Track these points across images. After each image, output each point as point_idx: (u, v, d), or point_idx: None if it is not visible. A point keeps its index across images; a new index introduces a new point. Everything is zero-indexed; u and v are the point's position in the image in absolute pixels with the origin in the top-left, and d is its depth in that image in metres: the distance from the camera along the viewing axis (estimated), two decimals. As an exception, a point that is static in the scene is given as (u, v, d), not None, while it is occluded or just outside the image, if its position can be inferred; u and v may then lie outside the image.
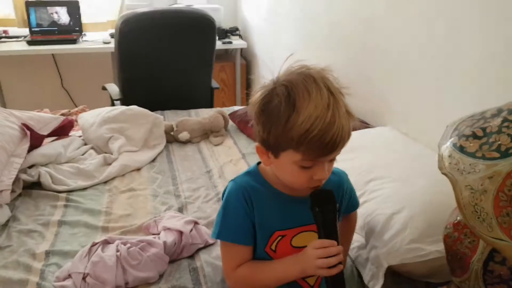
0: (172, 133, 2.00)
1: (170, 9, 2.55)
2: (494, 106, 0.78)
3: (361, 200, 1.25)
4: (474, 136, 0.73)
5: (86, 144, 1.89)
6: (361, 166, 1.35)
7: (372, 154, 1.43)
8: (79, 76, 3.32)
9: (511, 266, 0.74)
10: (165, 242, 1.19)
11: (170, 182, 1.66)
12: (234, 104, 3.32)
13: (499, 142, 0.69)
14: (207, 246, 1.26)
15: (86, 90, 3.27)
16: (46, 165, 1.67)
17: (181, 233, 1.23)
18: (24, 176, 1.56)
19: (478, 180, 0.69)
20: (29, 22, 2.98)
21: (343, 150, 0.80)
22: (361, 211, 1.22)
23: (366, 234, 1.18)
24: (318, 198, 0.84)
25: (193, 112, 2.34)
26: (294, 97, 0.75)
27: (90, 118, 1.95)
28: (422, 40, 1.50)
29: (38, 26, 3.00)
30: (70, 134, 1.95)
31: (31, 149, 1.66)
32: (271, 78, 0.82)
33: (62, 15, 3.03)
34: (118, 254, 1.15)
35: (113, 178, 1.67)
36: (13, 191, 1.48)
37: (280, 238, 0.88)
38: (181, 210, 1.46)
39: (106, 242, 1.21)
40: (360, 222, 1.21)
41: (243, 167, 1.75)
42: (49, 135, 1.82)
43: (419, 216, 1.11)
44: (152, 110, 2.04)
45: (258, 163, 0.92)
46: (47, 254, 1.23)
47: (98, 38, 3.05)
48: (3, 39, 2.96)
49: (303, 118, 0.74)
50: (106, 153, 1.81)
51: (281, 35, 2.76)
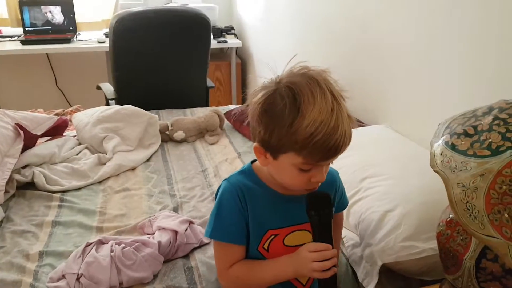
0: (167, 132, 2.00)
1: (164, 8, 2.55)
2: (485, 105, 0.79)
3: (355, 198, 1.25)
4: (466, 134, 0.74)
5: (80, 144, 1.88)
6: (355, 164, 1.36)
7: (366, 152, 1.43)
8: (74, 75, 3.30)
9: (503, 263, 0.75)
10: (159, 242, 1.19)
11: (165, 181, 1.66)
12: (230, 103, 3.31)
13: (490, 140, 0.70)
14: (202, 245, 1.26)
15: (81, 89, 3.26)
16: (40, 165, 1.66)
17: (176, 232, 1.23)
18: (17, 176, 1.55)
19: (470, 177, 0.69)
20: (22, 21, 2.96)
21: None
22: (355, 209, 1.23)
23: (361, 232, 1.18)
24: (314, 201, 0.84)
25: (188, 111, 2.33)
26: (299, 100, 0.75)
27: (84, 118, 1.94)
28: (416, 39, 1.51)
29: (32, 25, 2.98)
30: (64, 134, 1.94)
31: (25, 149, 1.65)
32: (272, 78, 0.81)
33: (56, 15, 3.02)
34: (113, 254, 1.14)
35: (107, 178, 1.66)
36: (6, 192, 1.48)
37: (273, 237, 0.88)
38: (176, 209, 1.46)
39: (100, 242, 1.21)
40: (354, 220, 1.22)
41: (239, 166, 1.74)
42: (43, 135, 1.81)
43: (413, 213, 1.12)
44: (147, 110, 2.03)
45: (252, 162, 0.92)
46: (41, 254, 1.22)
47: (92, 37, 3.04)
48: (-4, 39, 2.95)
49: (308, 122, 0.74)
50: (100, 152, 1.80)
51: (276, 34, 2.76)
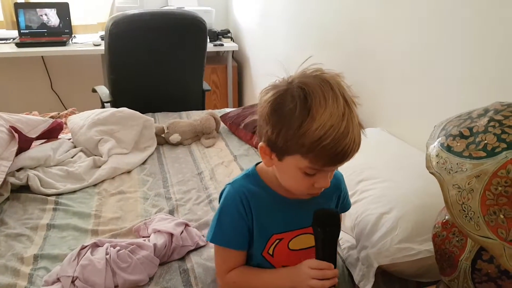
0: (163, 135, 1.99)
1: (161, 11, 2.55)
2: (480, 107, 0.79)
3: (351, 200, 1.25)
4: (461, 135, 0.74)
5: (75, 146, 1.87)
6: (352, 167, 1.35)
7: (362, 155, 1.41)
8: (69, 78, 3.29)
9: (499, 265, 0.75)
10: (155, 245, 1.19)
11: (161, 184, 1.65)
12: (226, 106, 3.32)
13: (486, 142, 0.70)
14: (198, 248, 1.26)
15: (76, 92, 3.25)
16: (34, 168, 1.65)
17: (171, 235, 1.23)
18: (12, 179, 1.54)
19: (465, 179, 0.69)
20: (18, 24, 2.95)
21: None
22: (351, 212, 1.23)
23: (357, 234, 1.18)
24: (321, 218, 0.82)
25: (184, 114, 2.33)
26: (310, 102, 0.73)
27: (79, 121, 1.93)
28: (411, 42, 1.52)
29: (27, 28, 2.97)
30: (59, 137, 1.93)
31: (20, 152, 1.64)
32: (284, 77, 0.79)
33: (51, 17, 3.01)
34: (108, 257, 1.14)
35: (102, 181, 1.66)
36: (1, 195, 1.47)
37: (277, 241, 0.87)
38: (172, 212, 1.46)
39: (96, 245, 1.20)
40: (350, 222, 1.22)
41: (235, 169, 1.75)
42: (38, 138, 1.80)
43: (409, 216, 1.12)
44: (142, 112, 2.03)
45: (256, 164, 0.91)
46: (36, 258, 1.21)
47: (88, 40, 3.04)
48: (-9, 41, 2.93)
49: (317, 125, 0.72)
50: (95, 155, 1.79)
51: (273, 38, 2.76)
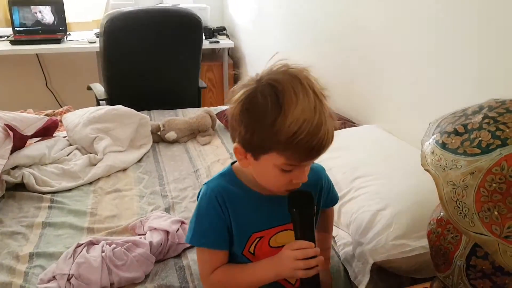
0: (159, 133, 1.99)
1: (156, 8, 2.54)
2: (475, 104, 0.79)
3: (347, 197, 1.26)
4: (456, 132, 0.74)
5: (71, 144, 1.86)
6: (347, 164, 1.36)
7: (358, 152, 1.44)
8: (64, 76, 3.28)
9: (493, 261, 0.75)
10: (151, 242, 1.19)
11: (157, 182, 1.65)
12: (222, 104, 3.30)
13: (480, 139, 0.70)
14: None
15: (71, 90, 3.24)
16: (30, 166, 1.64)
17: (167, 232, 1.23)
18: (7, 177, 1.53)
19: (460, 176, 0.69)
20: (12, 21, 2.93)
21: (330, 149, 0.79)
22: (347, 209, 1.23)
23: (352, 231, 1.19)
24: (296, 199, 0.83)
25: (180, 111, 2.32)
26: (281, 98, 0.73)
27: (75, 119, 1.93)
28: (406, 40, 1.52)
29: (22, 25, 2.95)
30: (54, 135, 1.92)
31: (15, 150, 1.64)
32: (252, 76, 0.79)
33: (46, 15, 2.99)
34: (104, 254, 1.13)
35: (98, 179, 1.65)
36: (-4, 193, 1.46)
37: (258, 239, 0.87)
38: (168, 210, 1.45)
39: (91, 243, 1.20)
40: (346, 219, 1.22)
41: (230, 167, 1.75)
42: (33, 136, 1.79)
43: (404, 212, 1.13)
44: (138, 110, 2.02)
45: (232, 163, 0.91)
46: (31, 256, 1.21)
47: (83, 37, 3.02)
48: (-15, 39, 2.91)
49: (291, 120, 0.72)
50: (91, 153, 1.79)
51: (268, 35, 2.76)
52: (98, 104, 2.36)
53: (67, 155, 1.78)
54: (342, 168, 1.34)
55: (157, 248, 1.19)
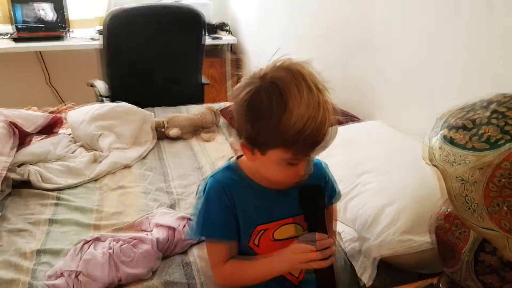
0: (162, 129, 1.99)
1: (158, 4, 2.54)
2: (482, 98, 0.79)
3: (352, 193, 1.26)
4: (464, 127, 0.74)
5: (75, 142, 1.87)
6: (352, 160, 1.36)
7: (362, 148, 1.43)
8: (66, 73, 3.27)
9: (502, 256, 0.76)
10: (157, 239, 1.19)
11: (161, 179, 1.65)
12: (225, 100, 3.29)
13: (489, 133, 0.70)
14: (200, 241, 1.26)
15: (73, 87, 3.23)
16: (35, 163, 1.65)
17: (173, 229, 1.23)
18: (13, 175, 1.53)
19: (468, 171, 0.70)
20: (14, 18, 2.93)
21: (334, 144, 0.80)
22: (352, 204, 1.23)
23: (358, 226, 1.19)
24: (307, 193, 0.84)
25: (183, 108, 2.32)
26: (285, 96, 0.74)
27: (79, 116, 1.93)
28: (410, 35, 1.51)
29: (24, 23, 2.95)
30: (58, 132, 1.93)
31: (20, 147, 1.64)
32: (255, 72, 0.79)
33: (48, 12, 2.99)
34: (110, 251, 1.14)
35: (103, 176, 1.65)
36: (2, 191, 1.46)
37: (262, 232, 0.88)
38: (173, 206, 1.46)
39: (98, 240, 1.20)
40: (352, 215, 1.23)
41: (235, 163, 1.75)
42: (37, 133, 1.80)
43: (410, 208, 1.13)
44: (141, 107, 2.03)
45: (237, 157, 0.91)
46: (38, 253, 1.22)
47: (85, 34, 3.02)
48: (-12, 37, 2.91)
49: (296, 118, 0.73)
50: (95, 150, 1.79)
51: (271, 31, 2.75)
52: (101, 101, 2.36)
53: (72, 152, 1.78)
54: (347, 164, 1.34)
55: (163, 244, 1.19)
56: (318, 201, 0.84)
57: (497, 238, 0.67)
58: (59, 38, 2.90)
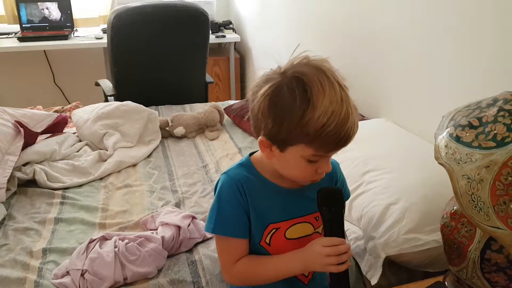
0: (167, 128, 1.99)
1: (162, 3, 2.54)
2: (489, 96, 0.79)
3: (357, 191, 1.25)
4: (470, 126, 0.74)
5: (80, 140, 1.88)
6: (357, 158, 1.36)
7: (368, 146, 1.43)
8: (72, 72, 3.29)
9: (508, 254, 0.75)
10: (163, 237, 1.19)
11: (166, 177, 1.66)
12: (229, 98, 3.31)
13: (495, 132, 0.70)
14: (206, 240, 1.26)
15: (79, 86, 3.25)
16: (41, 162, 1.66)
17: (179, 227, 1.24)
18: (19, 174, 1.55)
19: (475, 169, 0.69)
20: (19, 18, 2.94)
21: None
22: (358, 203, 1.23)
23: (363, 225, 1.19)
24: (326, 197, 0.83)
25: (188, 107, 2.33)
26: (309, 91, 0.73)
27: (84, 115, 1.94)
28: (415, 32, 1.50)
29: (29, 22, 2.96)
30: (64, 131, 1.93)
31: (25, 146, 1.65)
32: (274, 69, 0.79)
33: (53, 11, 3.00)
34: (116, 250, 1.14)
35: (108, 175, 1.66)
36: (8, 189, 1.48)
37: (274, 230, 0.87)
38: (178, 205, 1.46)
39: (104, 238, 1.21)
40: (357, 213, 1.22)
41: (239, 161, 1.75)
42: (43, 132, 1.81)
43: (416, 206, 1.12)
44: (146, 106, 2.03)
45: (250, 155, 0.91)
46: (45, 251, 1.23)
47: (90, 33, 3.03)
48: (-7, 36, 2.93)
49: (319, 113, 0.72)
50: (101, 149, 1.80)
51: (274, 28, 2.75)
52: (107, 100, 2.37)
53: (77, 151, 1.79)
54: (352, 162, 1.34)
55: (169, 243, 1.20)
56: (336, 206, 0.83)
57: (503, 236, 0.66)
58: (64, 37, 2.91)
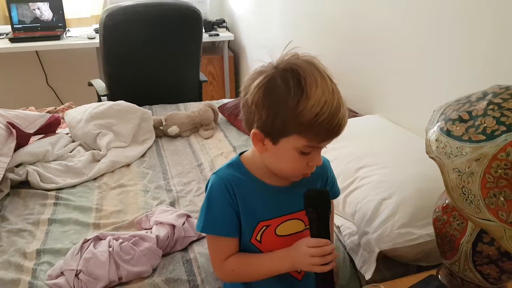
0: (161, 127, 1.99)
1: (155, 2, 2.52)
2: (479, 90, 0.79)
3: (351, 187, 1.26)
4: (460, 119, 0.74)
5: (74, 141, 1.87)
6: (351, 154, 1.36)
7: (361, 142, 1.43)
8: (64, 72, 3.27)
9: (499, 247, 0.76)
10: (157, 236, 1.19)
11: (161, 176, 1.65)
12: (223, 97, 3.30)
13: (485, 125, 0.70)
14: (200, 238, 1.26)
15: (72, 86, 3.24)
16: (33, 163, 1.65)
17: (173, 226, 1.23)
18: (11, 175, 1.54)
19: (465, 162, 0.70)
20: (10, 18, 2.92)
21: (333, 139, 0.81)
22: (351, 199, 1.24)
23: (357, 220, 1.19)
24: (313, 197, 0.84)
25: (181, 105, 2.32)
26: (303, 81, 0.75)
27: (77, 115, 1.93)
28: (408, 29, 1.51)
29: (20, 23, 2.95)
30: (57, 132, 1.92)
31: (18, 147, 1.64)
32: (266, 63, 0.81)
33: (44, 11, 2.98)
34: (111, 249, 1.14)
35: (102, 175, 1.66)
36: (0, 191, 1.47)
37: (264, 228, 0.88)
38: (173, 204, 1.46)
39: (98, 239, 1.20)
40: (351, 209, 1.23)
41: (234, 159, 1.75)
42: (35, 133, 1.80)
43: (409, 201, 1.13)
44: (139, 105, 2.02)
45: (240, 154, 0.92)
46: (38, 252, 1.22)
47: (82, 33, 3.01)
48: (-15, 37, 2.91)
49: (313, 102, 0.74)
50: (94, 149, 1.79)
51: (268, 26, 2.75)
52: (100, 100, 2.36)
53: (71, 152, 1.78)
54: (346, 158, 1.34)
55: (163, 242, 1.19)
56: (322, 207, 0.84)
57: (494, 229, 0.67)
58: (56, 38, 2.89)
